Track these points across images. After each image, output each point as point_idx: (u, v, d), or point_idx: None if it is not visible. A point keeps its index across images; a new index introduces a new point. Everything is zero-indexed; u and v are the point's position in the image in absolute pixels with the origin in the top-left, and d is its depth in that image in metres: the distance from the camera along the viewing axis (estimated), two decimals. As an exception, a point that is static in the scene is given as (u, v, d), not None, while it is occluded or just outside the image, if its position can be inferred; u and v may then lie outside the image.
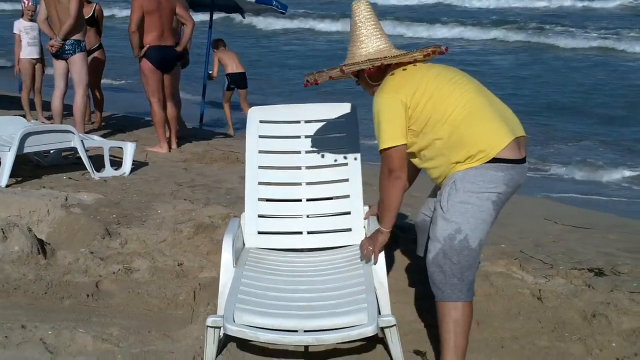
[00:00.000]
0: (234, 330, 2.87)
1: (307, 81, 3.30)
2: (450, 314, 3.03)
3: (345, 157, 3.93)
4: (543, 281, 4.22)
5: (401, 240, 4.51)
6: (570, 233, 5.54)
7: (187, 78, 10.51)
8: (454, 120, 3.03)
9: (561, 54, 19.22)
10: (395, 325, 3.01)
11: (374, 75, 3.25)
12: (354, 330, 2.87)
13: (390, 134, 3.08)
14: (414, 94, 3.07)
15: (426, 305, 3.60)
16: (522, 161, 3.08)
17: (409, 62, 3.22)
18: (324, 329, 2.89)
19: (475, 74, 3.34)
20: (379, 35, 3.23)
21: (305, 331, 2.90)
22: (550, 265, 4.60)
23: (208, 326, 3.01)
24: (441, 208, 3.05)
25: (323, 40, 23.23)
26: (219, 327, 2.99)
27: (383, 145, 3.10)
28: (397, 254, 4.40)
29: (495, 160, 3.00)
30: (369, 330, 2.85)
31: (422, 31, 23.94)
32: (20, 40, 9.48)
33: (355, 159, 3.92)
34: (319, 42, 22.90)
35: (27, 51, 9.59)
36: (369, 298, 3.07)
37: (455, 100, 3.06)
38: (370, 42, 3.21)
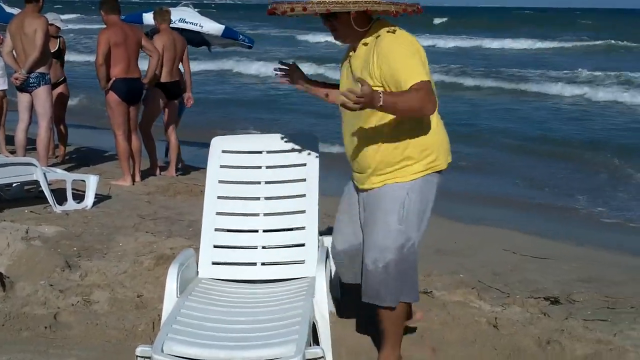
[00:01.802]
0: None
1: (275, 9, 2.96)
2: (404, 312, 3.34)
3: (303, 189, 3.95)
4: (500, 309, 4.29)
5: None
6: (529, 263, 5.65)
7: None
8: (435, 115, 3.17)
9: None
10: (323, 357, 2.89)
11: (360, 20, 3.05)
12: None
13: (423, 69, 2.97)
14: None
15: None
16: None
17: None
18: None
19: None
20: None
21: None
22: (507, 294, 4.69)
23: (137, 356, 2.91)
24: (398, 221, 3.18)
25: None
26: (149, 357, 2.89)
27: (422, 78, 2.91)
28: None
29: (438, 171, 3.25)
30: None
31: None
32: None
33: (314, 190, 3.92)
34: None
35: None
36: (300, 329, 3.02)
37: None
38: None
